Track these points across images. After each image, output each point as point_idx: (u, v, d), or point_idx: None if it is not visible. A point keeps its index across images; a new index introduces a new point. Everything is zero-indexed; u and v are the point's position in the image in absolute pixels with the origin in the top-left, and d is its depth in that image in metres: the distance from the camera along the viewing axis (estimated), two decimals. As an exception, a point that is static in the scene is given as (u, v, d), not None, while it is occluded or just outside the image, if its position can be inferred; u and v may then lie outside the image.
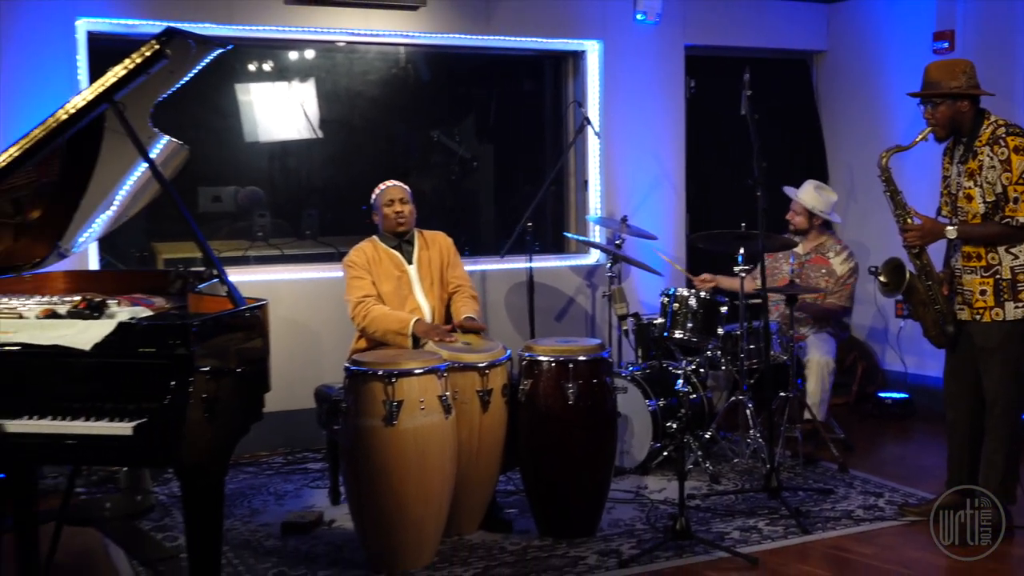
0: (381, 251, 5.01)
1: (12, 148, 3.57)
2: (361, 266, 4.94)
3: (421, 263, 5.04)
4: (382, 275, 4.94)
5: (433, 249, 5.09)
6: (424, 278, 5.02)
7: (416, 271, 5.02)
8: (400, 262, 5.01)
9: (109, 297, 3.82)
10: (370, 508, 4.26)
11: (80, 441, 3.22)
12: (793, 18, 7.53)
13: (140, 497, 5.05)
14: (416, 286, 5.00)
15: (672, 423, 5.49)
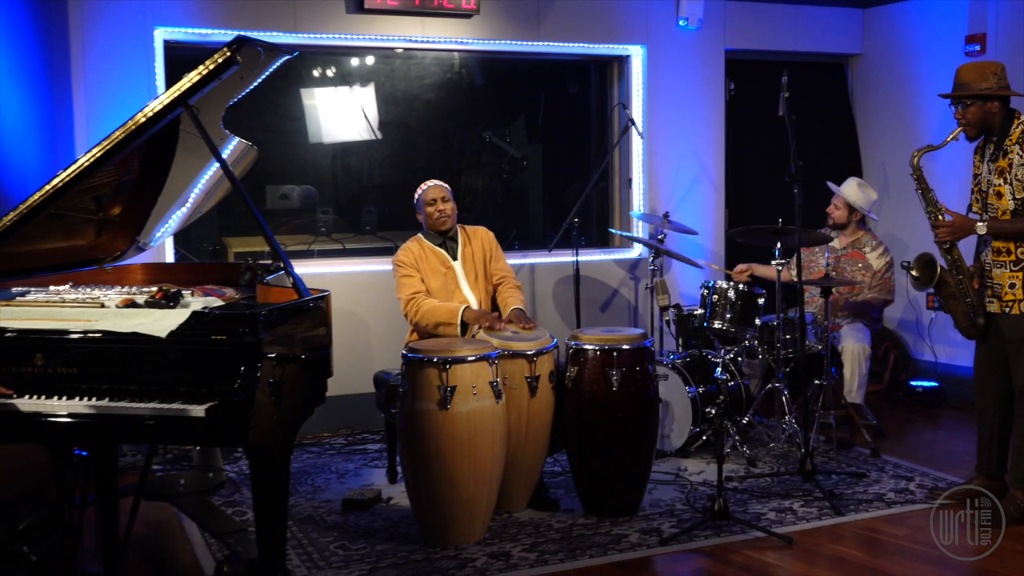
0: (427, 249, 5.01)
1: (95, 149, 3.62)
2: (409, 264, 4.95)
3: (465, 258, 5.03)
4: (429, 272, 4.95)
5: (476, 244, 5.08)
6: (469, 272, 5.02)
7: (461, 266, 5.02)
8: (445, 258, 5.01)
9: (184, 288, 3.85)
10: (425, 486, 4.27)
11: (156, 421, 3.26)
12: (829, 23, 7.43)
13: (212, 474, 5.10)
14: (462, 280, 5.00)
15: (711, 409, 5.46)
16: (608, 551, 4.21)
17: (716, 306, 5.65)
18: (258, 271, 4.24)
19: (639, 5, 6.79)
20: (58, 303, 3.67)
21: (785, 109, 4.96)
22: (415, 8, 6.14)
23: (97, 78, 5.56)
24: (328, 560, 4.13)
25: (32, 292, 3.85)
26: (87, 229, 4.21)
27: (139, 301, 3.63)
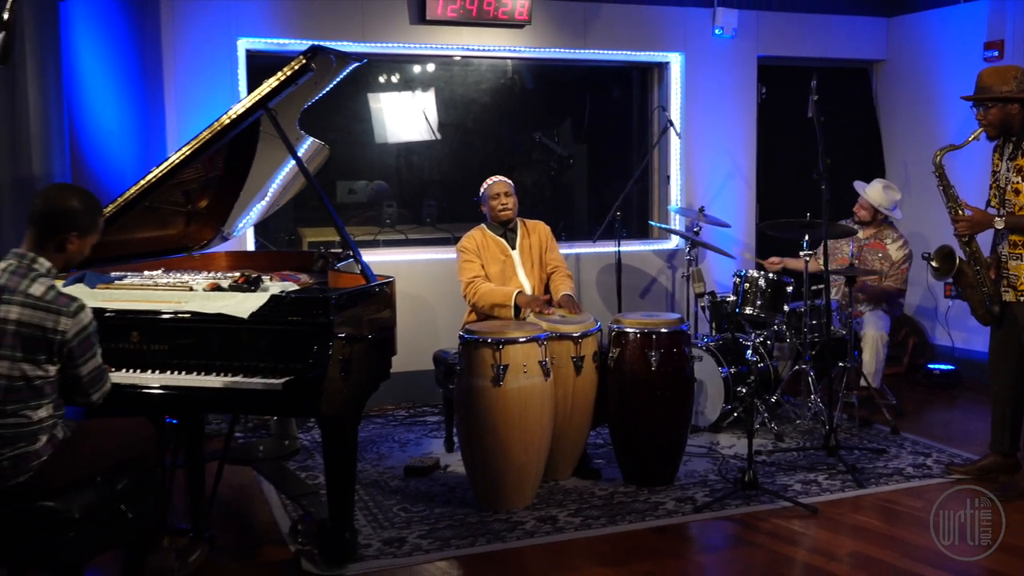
0: (489, 238, 5.01)
1: (184, 148, 3.66)
2: (472, 251, 4.95)
3: (523, 248, 5.03)
4: (490, 259, 4.95)
5: (533, 236, 5.07)
6: (525, 261, 5.01)
7: (519, 255, 5.01)
8: (505, 247, 5.00)
9: (263, 273, 3.89)
10: (480, 456, 4.28)
11: (238, 394, 3.30)
12: (855, 31, 7.29)
13: (287, 442, 5.15)
14: (519, 268, 4.99)
15: (742, 388, 5.40)
16: (646, 517, 4.19)
17: (747, 293, 5.58)
18: (329, 258, 4.26)
19: (678, 15, 6.71)
20: (152, 286, 3.72)
21: (814, 111, 4.88)
22: (472, 19, 6.12)
23: (186, 83, 5.62)
24: (391, 521, 4.16)
25: (129, 276, 3.91)
26: (177, 220, 4.26)
27: (224, 285, 3.67)
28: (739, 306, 5.60)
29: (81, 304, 2.91)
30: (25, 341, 2.83)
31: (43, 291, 2.87)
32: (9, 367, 2.82)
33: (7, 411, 2.83)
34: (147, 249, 4.18)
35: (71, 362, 2.90)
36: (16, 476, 2.86)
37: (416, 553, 3.82)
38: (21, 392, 2.84)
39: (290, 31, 5.83)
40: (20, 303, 2.84)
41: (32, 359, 2.84)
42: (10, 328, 2.82)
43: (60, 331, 2.85)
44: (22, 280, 2.87)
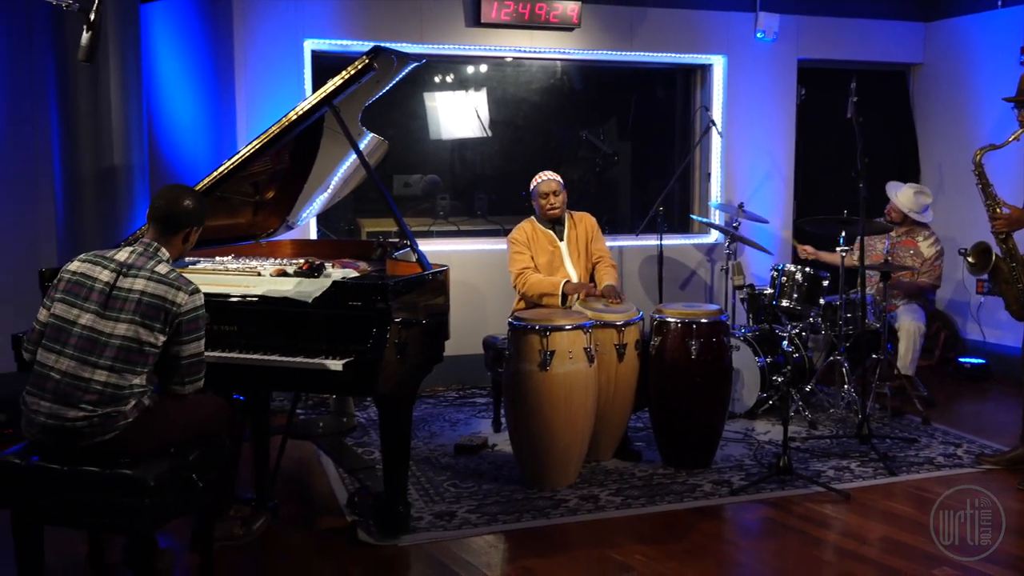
0: (538, 230, 4.97)
1: (253, 142, 3.68)
2: (522, 243, 4.92)
3: (570, 240, 4.98)
4: (539, 250, 4.92)
5: (580, 228, 5.02)
6: (572, 252, 4.97)
7: (566, 247, 4.97)
8: (553, 239, 4.96)
9: (325, 261, 3.91)
10: (526, 436, 4.27)
11: (301, 373, 3.33)
12: (894, 35, 7.13)
13: (345, 419, 5.19)
14: (566, 259, 4.94)
15: (777, 377, 5.33)
16: (684, 498, 4.15)
17: (784, 286, 5.51)
18: (387, 247, 4.27)
19: (722, 20, 6.62)
20: (222, 271, 3.76)
21: (853, 112, 4.78)
22: (525, 23, 6.09)
23: (256, 81, 5.66)
24: (442, 495, 4.17)
25: (202, 261, 3.95)
26: (246, 210, 4.30)
27: (289, 271, 3.69)
28: (776, 299, 5.53)
29: (197, 288, 3.05)
30: (146, 309, 2.95)
31: (167, 270, 3.04)
32: (127, 329, 2.94)
33: (115, 368, 2.93)
34: (218, 236, 4.22)
35: (177, 338, 3.00)
36: (104, 433, 2.93)
37: (465, 527, 3.83)
38: (132, 354, 2.94)
39: (353, 32, 5.84)
40: (147, 277, 2.99)
41: (149, 325, 2.95)
42: (135, 296, 2.96)
43: (177, 303, 2.98)
44: (148, 260, 3.04)
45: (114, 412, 2.94)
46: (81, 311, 2.96)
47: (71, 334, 2.95)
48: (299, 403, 5.37)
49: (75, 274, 3.02)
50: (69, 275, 3.03)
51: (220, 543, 3.52)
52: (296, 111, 3.66)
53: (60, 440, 2.94)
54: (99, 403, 2.92)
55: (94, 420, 2.92)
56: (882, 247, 5.86)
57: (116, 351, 2.93)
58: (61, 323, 2.97)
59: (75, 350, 2.93)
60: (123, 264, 3.02)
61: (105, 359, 2.92)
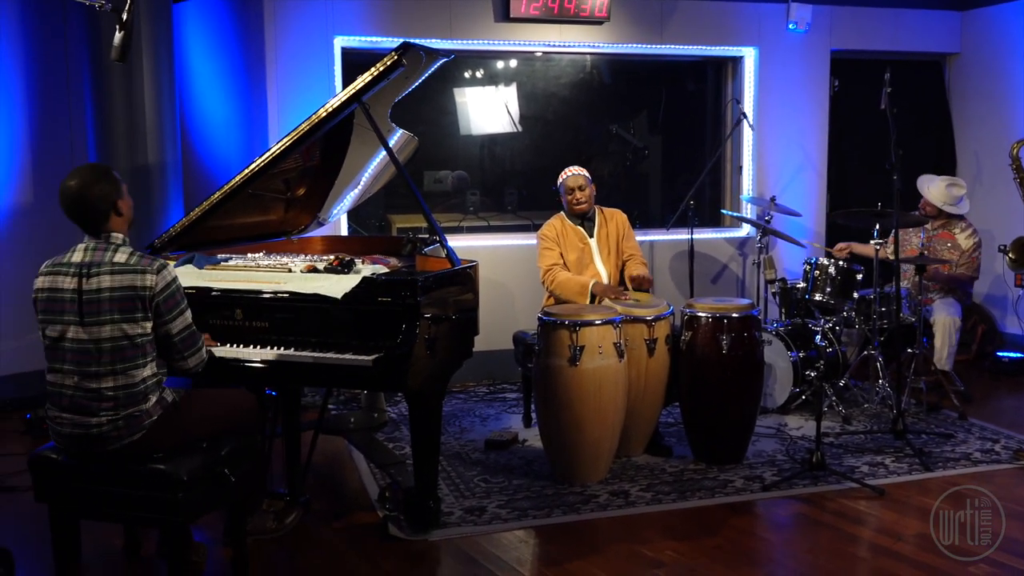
0: (568, 227, 4.95)
1: (285, 139, 3.70)
2: (551, 239, 4.90)
3: (600, 237, 4.95)
4: (568, 246, 4.89)
5: (611, 225, 4.99)
6: (603, 249, 4.94)
7: (596, 244, 4.94)
8: (583, 236, 4.94)
9: (356, 257, 3.92)
10: (556, 431, 4.26)
11: (332, 369, 3.34)
12: (928, 24, 7.01)
13: (376, 415, 5.20)
14: (596, 256, 4.92)
15: (810, 372, 5.27)
16: (715, 494, 4.12)
17: (817, 280, 5.44)
18: (417, 243, 4.27)
19: (753, 11, 6.55)
20: (254, 268, 3.79)
21: (887, 103, 4.71)
22: (554, 17, 6.07)
23: (286, 79, 5.70)
24: (472, 491, 4.18)
25: (233, 258, 3.98)
26: (277, 206, 4.32)
27: (319, 267, 3.71)
28: (809, 292, 5.47)
29: (164, 263, 3.01)
30: (121, 304, 2.93)
31: (127, 257, 2.98)
32: (111, 330, 2.93)
33: (117, 371, 2.93)
34: (250, 233, 4.25)
35: (160, 319, 2.98)
36: (131, 435, 2.96)
37: (495, 522, 3.83)
38: (126, 351, 2.94)
39: (382, 29, 5.86)
40: (109, 271, 2.95)
41: (130, 318, 2.94)
42: (105, 296, 2.93)
43: (148, 287, 2.94)
44: (105, 253, 2.99)
45: (136, 412, 2.96)
46: (64, 326, 2.93)
47: (64, 350, 2.94)
48: (330, 399, 5.41)
49: (43, 291, 2.98)
50: (42, 295, 2.98)
51: (253, 537, 3.56)
52: (326, 108, 3.67)
53: (89, 446, 2.97)
54: (118, 407, 2.94)
55: (119, 423, 2.94)
56: (918, 240, 5.78)
57: (111, 355, 2.92)
58: (53, 343, 2.97)
59: (74, 365, 2.93)
60: (81, 265, 2.95)
61: (104, 366, 2.92)
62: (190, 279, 3.60)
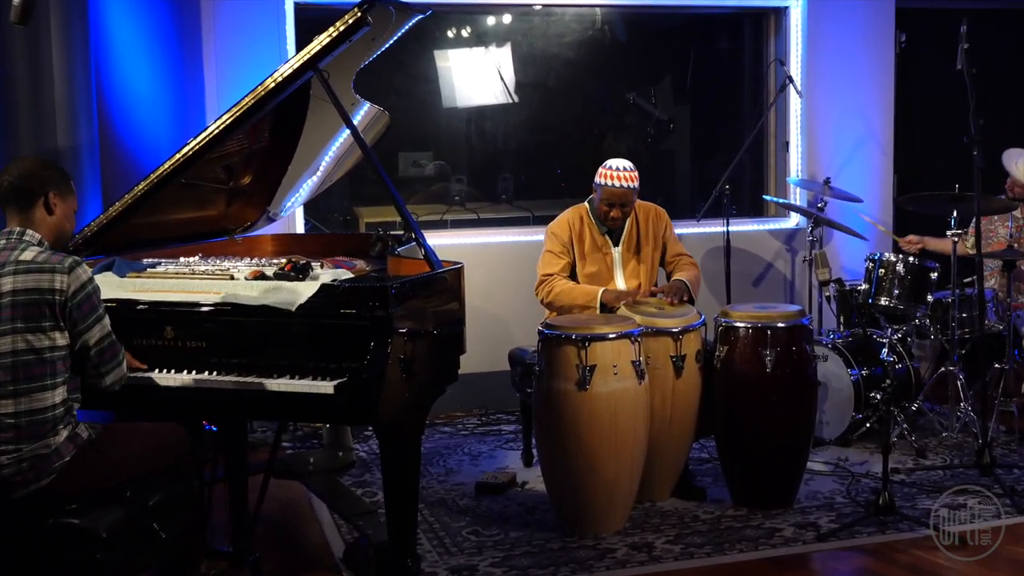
0: (588, 226, 4.86)
1: (224, 116, 3.71)
2: (562, 242, 4.81)
3: (628, 244, 4.87)
4: (586, 254, 4.82)
5: (644, 226, 4.89)
6: (628, 260, 4.86)
7: (620, 253, 4.89)
8: (605, 242, 4.85)
9: (313, 259, 3.93)
10: (563, 471, 4.27)
11: (285, 398, 3.34)
12: (1015, -35, 7.07)
13: (341, 453, 5.20)
14: (618, 270, 4.83)
15: (875, 394, 5.29)
16: (760, 545, 4.13)
17: (882, 281, 5.46)
18: (389, 242, 4.29)
19: (799, -49, 6.59)
20: (188, 275, 3.79)
21: (963, 62, 4.73)
22: (555, -39, 6.10)
23: (227, 42, 5.71)
24: (460, 546, 4.18)
25: (163, 263, 3.99)
26: (217, 199, 4.33)
27: (268, 273, 3.72)
28: (872, 296, 5.49)
29: (77, 260, 3.05)
30: (25, 309, 2.96)
31: (34, 255, 3.03)
32: (12, 341, 2.95)
33: (20, 392, 2.95)
34: (183, 232, 4.26)
35: (74, 328, 3.01)
36: (38, 480, 2.96)
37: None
38: (32, 368, 2.96)
39: (344, -20, 5.87)
40: (12, 272, 2.99)
41: (36, 327, 2.96)
42: (6, 300, 2.96)
43: (59, 290, 2.98)
44: (12, 252, 3.03)
45: (43, 450, 2.96)
46: None
47: None
48: (284, 434, 5.41)
49: None
50: None
51: (190, 606, 3.56)
52: (275, 77, 3.69)
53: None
54: (21, 439, 2.94)
55: (23, 465, 2.95)
56: (1005, 231, 5.80)
57: (10, 372, 2.94)
58: None
59: None
60: None
61: (4, 386, 2.94)
62: (110, 290, 3.59)
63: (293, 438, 5.60)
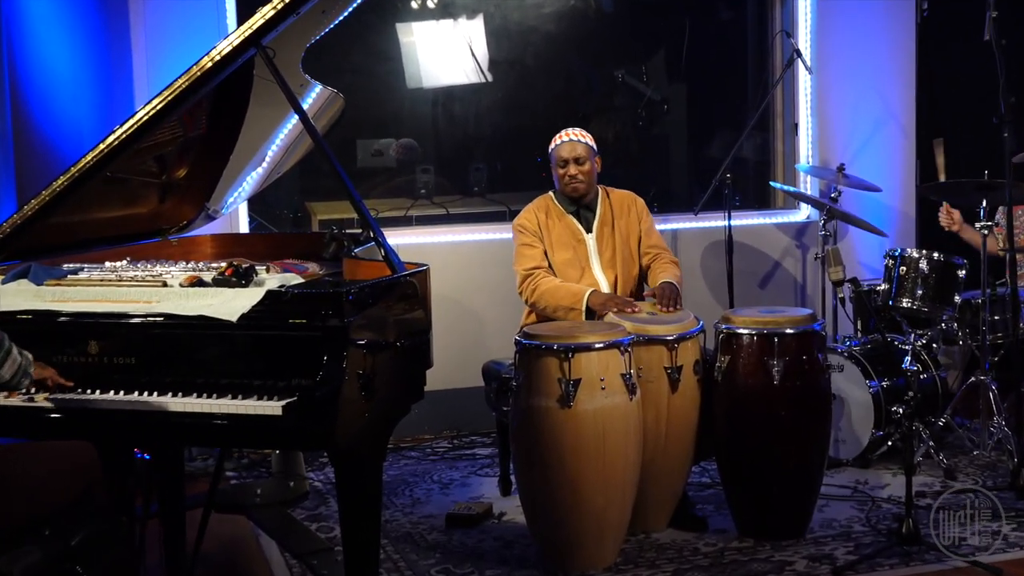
0: (556, 214, 4.94)
1: (155, 100, 3.68)
2: (532, 232, 4.89)
3: (603, 232, 4.93)
4: (556, 244, 4.88)
5: (620, 214, 4.97)
6: (604, 249, 4.92)
7: (595, 241, 4.93)
8: (577, 230, 4.93)
9: (258, 263, 3.91)
10: (544, 500, 4.28)
11: (227, 421, 3.32)
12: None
13: (293, 483, 5.19)
14: (594, 259, 4.89)
15: (898, 408, 5.27)
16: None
17: (904, 280, 5.49)
18: (345, 242, 4.28)
19: (807, -93, 6.64)
20: (115, 282, 3.77)
21: (992, 32, 4.77)
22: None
23: (159, 18, 5.69)
24: (430, 586, 4.19)
25: (85, 269, 3.96)
26: (149, 195, 4.31)
27: (206, 279, 3.70)
28: (893, 297, 5.52)
29: None
30: None
31: None
32: None
33: None
34: (110, 233, 4.23)
35: None
36: None
37: (462, 628, 3.85)
38: None
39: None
40: None
41: None
42: None
43: None
44: None
45: None
46: None
47: None
48: (228, 462, 5.40)
49: None
50: None
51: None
52: (212, 56, 3.66)
53: None
54: None
55: None
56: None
57: None
58: None
59: None
60: None
61: None
62: (25, 300, 3.58)
63: (237, 466, 5.59)
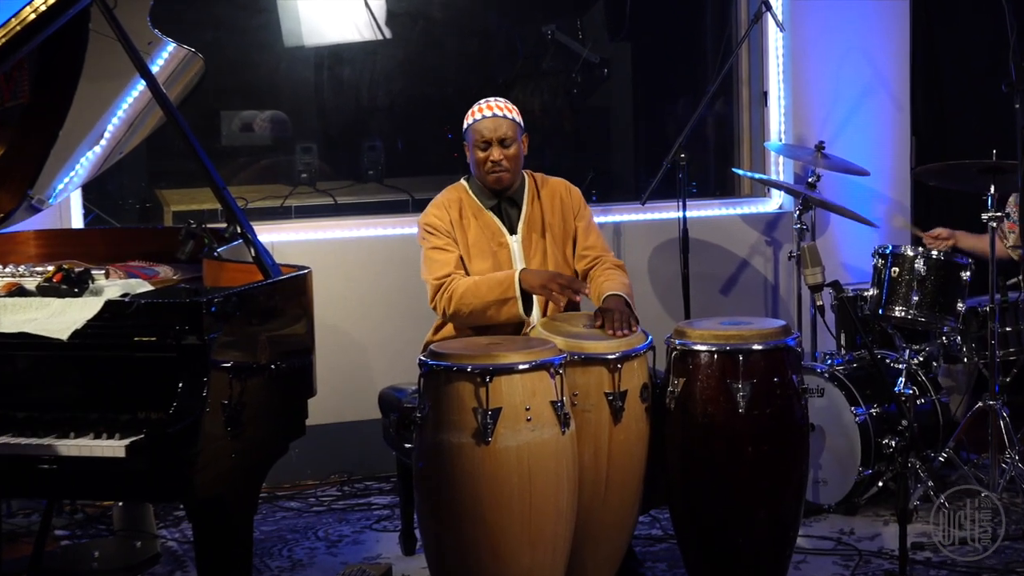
0: (471, 209, 4.88)
1: (-38, 62, 3.67)
2: (444, 232, 4.79)
3: (529, 232, 4.87)
4: (472, 249, 4.80)
5: (551, 208, 4.93)
6: (533, 254, 4.85)
7: (520, 245, 4.90)
8: (498, 230, 4.86)
9: (95, 266, 3.90)
10: (457, 560, 4.27)
11: (55, 465, 3.30)
12: None
13: (140, 543, 5.13)
14: (519, 267, 4.80)
15: (890, 440, 5.39)
16: (733, 655, 4.21)
17: (897, 284, 5.56)
18: (205, 239, 4.26)
19: None
20: (-88, 291, 3.74)
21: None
22: None
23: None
24: (314, 669, 4.19)
25: None
26: (-46, 181, 4.27)
27: (29, 286, 3.68)
28: (883, 305, 5.58)
29: None
30: None
31: None
32: None
33: None
34: (-95, 229, 4.20)
35: None
36: None
37: None
38: None
39: None
40: None
41: None
42: None
43: None
44: None
45: None
46: None
47: None
48: (57, 518, 5.33)
49: None
50: None
51: None
52: (34, 5, 3.65)
53: None
54: None
55: None
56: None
57: None
58: None
59: None
60: None
61: None
62: None
63: (70, 523, 5.52)
